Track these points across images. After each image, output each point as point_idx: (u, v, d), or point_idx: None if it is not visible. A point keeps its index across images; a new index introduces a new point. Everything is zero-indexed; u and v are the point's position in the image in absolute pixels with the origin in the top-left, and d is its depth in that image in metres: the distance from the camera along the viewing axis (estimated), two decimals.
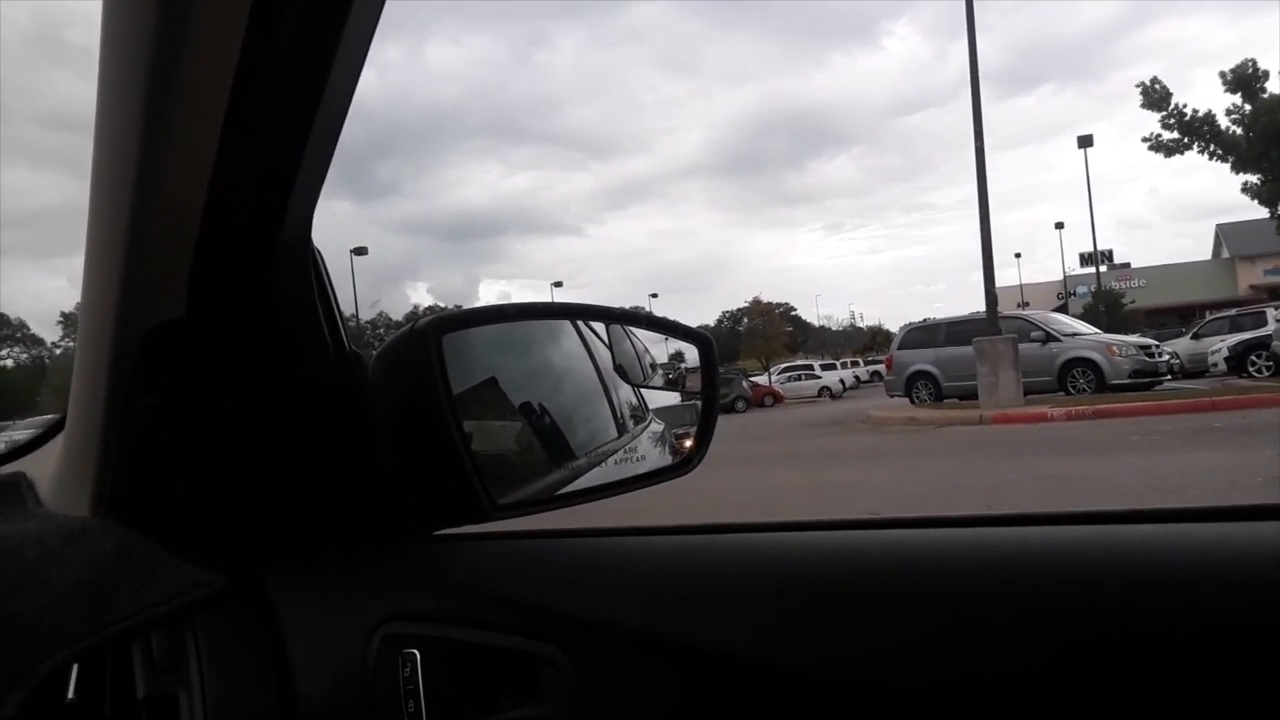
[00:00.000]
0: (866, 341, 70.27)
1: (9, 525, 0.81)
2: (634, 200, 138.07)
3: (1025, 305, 46.27)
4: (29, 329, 64.32)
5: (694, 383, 1.18)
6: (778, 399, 38.47)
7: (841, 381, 43.45)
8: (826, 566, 0.74)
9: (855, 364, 52.40)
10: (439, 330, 0.90)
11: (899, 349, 21.39)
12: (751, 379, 42.51)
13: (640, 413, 1.24)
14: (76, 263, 0.83)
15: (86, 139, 0.75)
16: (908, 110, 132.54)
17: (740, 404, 33.92)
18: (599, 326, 1.20)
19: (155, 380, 0.83)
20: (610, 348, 1.19)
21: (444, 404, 0.87)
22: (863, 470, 10.62)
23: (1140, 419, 12.99)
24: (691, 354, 1.17)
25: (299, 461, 0.91)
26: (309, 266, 0.88)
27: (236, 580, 0.87)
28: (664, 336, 1.22)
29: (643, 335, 1.23)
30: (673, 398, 1.27)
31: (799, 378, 44.11)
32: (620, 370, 1.19)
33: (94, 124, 0.73)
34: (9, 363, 64.29)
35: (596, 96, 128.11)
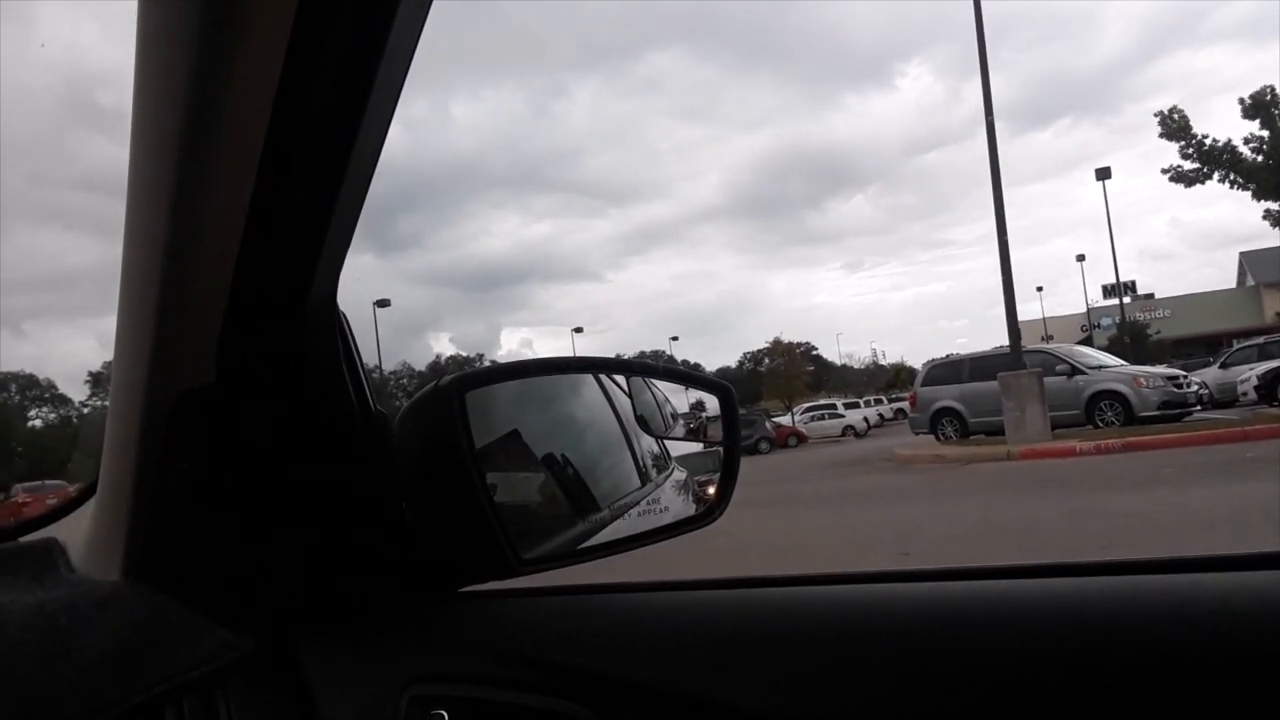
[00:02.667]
0: (890, 379, 69.93)
1: (43, 592, 0.82)
2: (654, 245, 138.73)
3: (1049, 339, 45.94)
4: (58, 389, 65.12)
5: (715, 431, 1.18)
6: (801, 439, 38.24)
7: (865, 420, 43.16)
8: (858, 621, 0.74)
9: (879, 402, 52.06)
10: (462, 388, 0.91)
11: (923, 385, 21.24)
12: (774, 419, 42.34)
13: (663, 461, 1.25)
14: (105, 323, 0.84)
15: (116, 201, 0.77)
16: (923, 149, 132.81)
17: (764, 445, 33.75)
18: (620, 378, 1.21)
19: (185, 446, 0.84)
20: (631, 398, 1.19)
21: (468, 461, 0.87)
22: (891, 510, 10.52)
23: (1171, 451, 12.81)
24: (712, 403, 1.17)
25: (327, 523, 0.92)
26: (334, 329, 0.89)
27: (267, 642, 0.87)
28: (684, 387, 1.23)
29: (663, 385, 1.24)
30: (695, 446, 1.27)
31: (822, 417, 43.88)
32: (642, 421, 1.20)
33: (125, 191, 0.75)
34: (38, 423, 65.06)
35: (614, 144, 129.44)
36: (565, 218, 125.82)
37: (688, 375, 1.23)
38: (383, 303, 50.92)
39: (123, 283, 0.80)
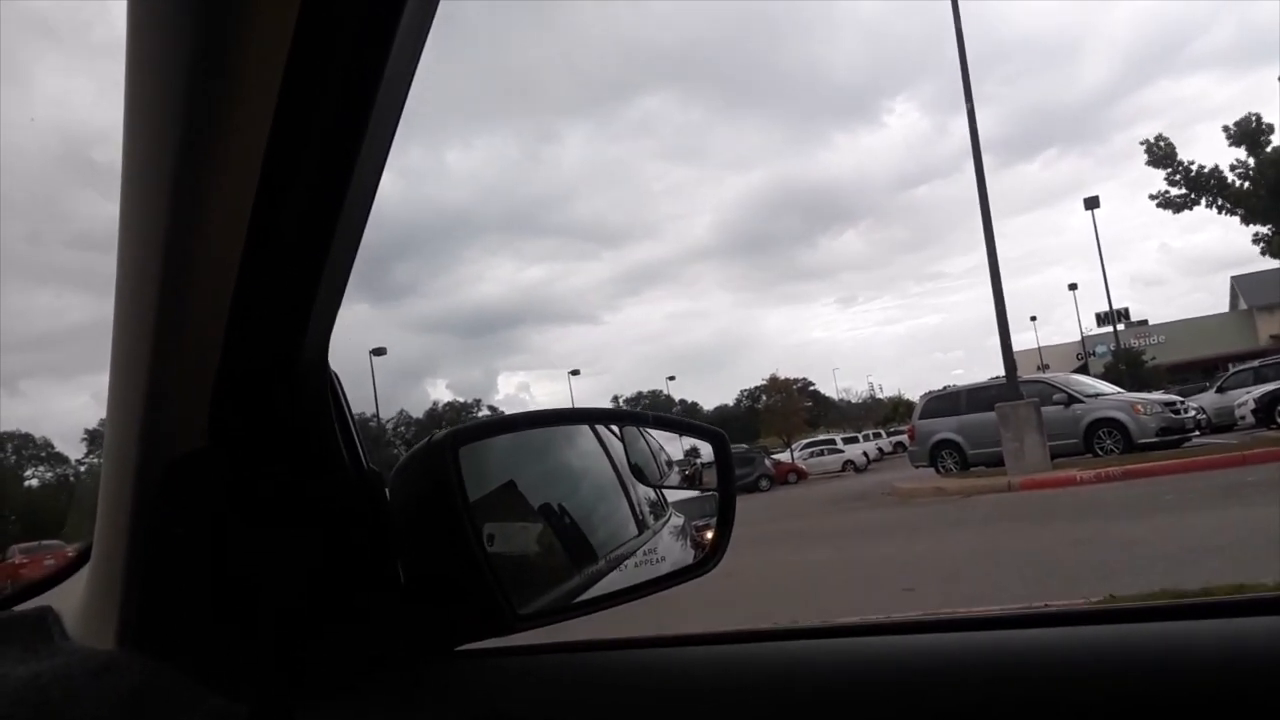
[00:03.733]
0: (888, 413, 69.86)
1: (36, 662, 0.81)
2: (648, 285, 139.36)
3: (1045, 368, 46.02)
4: (54, 447, 64.99)
5: (711, 477, 1.18)
6: (801, 475, 38.14)
7: (865, 454, 43.11)
8: (863, 676, 0.73)
9: (878, 435, 52.07)
10: (455, 443, 0.91)
11: (920, 419, 21.24)
12: (774, 456, 42.23)
13: (660, 508, 1.24)
14: (101, 380, 0.84)
15: (110, 257, 0.77)
16: (912, 184, 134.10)
17: (764, 482, 33.63)
18: (614, 427, 1.21)
19: (179, 512, 0.84)
20: (625, 447, 1.19)
21: (463, 517, 0.87)
22: (894, 545, 10.47)
23: (1171, 477, 12.81)
24: (706, 449, 1.17)
25: (322, 585, 0.91)
26: (326, 389, 0.89)
27: (262, 709, 0.86)
28: (677, 434, 1.23)
29: (658, 433, 1.24)
30: (691, 493, 1.27)
31: (822, 453, 43.82)
32: (636, 469, 1.20)
33: (116, 257, 0.75)
34: (34, 482, 64.82)
35: (606, 187, 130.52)
36: (559, 261, 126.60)
37: (680, 423, 1.23)
38: (379, 351, 51.05)
39: (114, 348, 0.80)
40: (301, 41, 0.57)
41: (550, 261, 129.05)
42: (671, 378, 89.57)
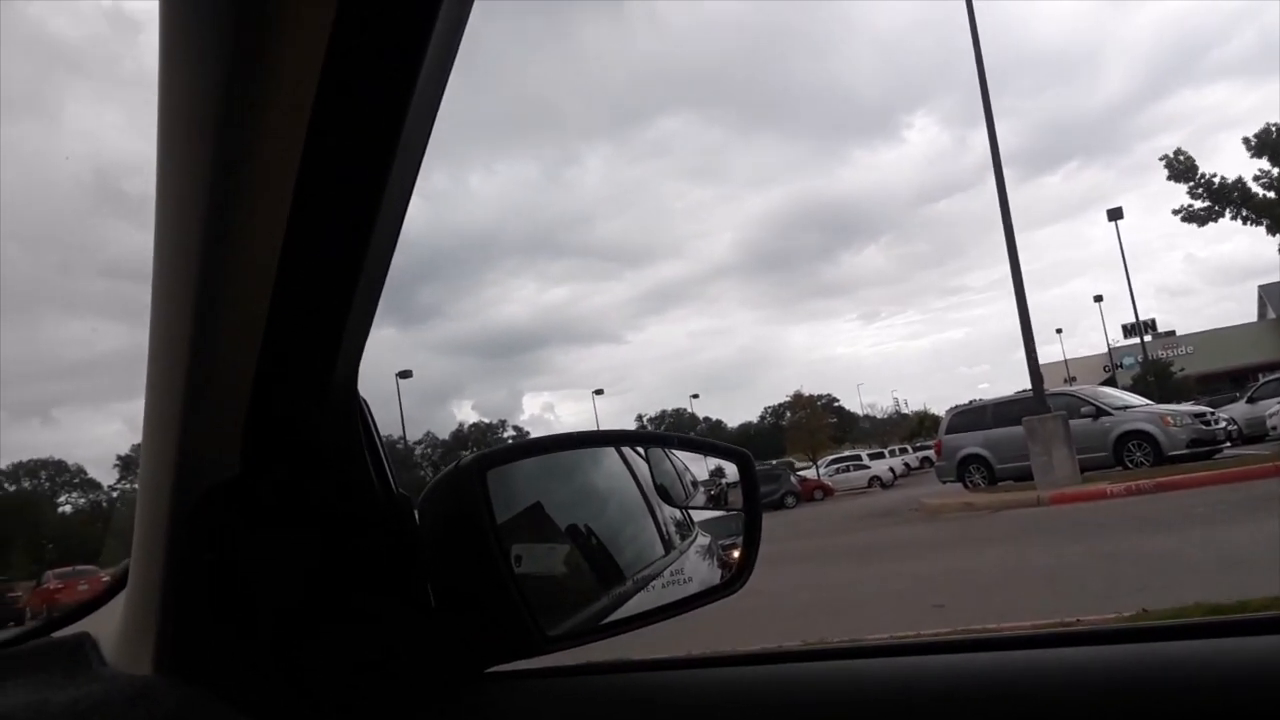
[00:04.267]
0: (913, 427, 69.39)
1: (75, 689, 0.83)
2: (670, 304, 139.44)
3: (1072, 381, 45.64)
4: (87, 474, 65.78)
5: (736, 497, 1.18)
6: (828, 492, 37.88)
7: (891, 470, 42.78)
8: (890, 697, 0.73)
9: (904, 451, 51.58)
10: (483, 466, 0.92)
11: (947, 433, 21.07)
12: (799, 473, 42.02)
13: (686, 528, 1.24)
14: (132, 407, 0.86)
15: (141, 286, 0.78)
16: (933, 198, 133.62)
17: (790, 499, 33.44)
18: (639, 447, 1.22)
19: (213, 538, 0.85)
20: (650, 467, 1.20)
21: (491, 540, 0.88)
22: (923, 562, 10.38)
23: (1203, 490, 12.64)
24: (731, 468, 1.18)
25: (354, 609, 0.92)
26: (355, 415, 0.90)
27: None
28: (702, 455, 1.23)
29: (683, 453, 1.24)
30: (717, 513, 1.27)
31: (848, 469, 43.51)
32: (662, 490, 1.20)
33: (150, 279, 0.77)
34: (68, 508, 65.56)
35: (627, 208, 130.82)
36: (582, 281, 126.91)
37: (704, 443, 1.23)
38: (405, 374, 51.34)
39: (149, 378, 0.82)
40: (331, 71, 0.58)
41: (573, 282, 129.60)
42: (695, 396, 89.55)
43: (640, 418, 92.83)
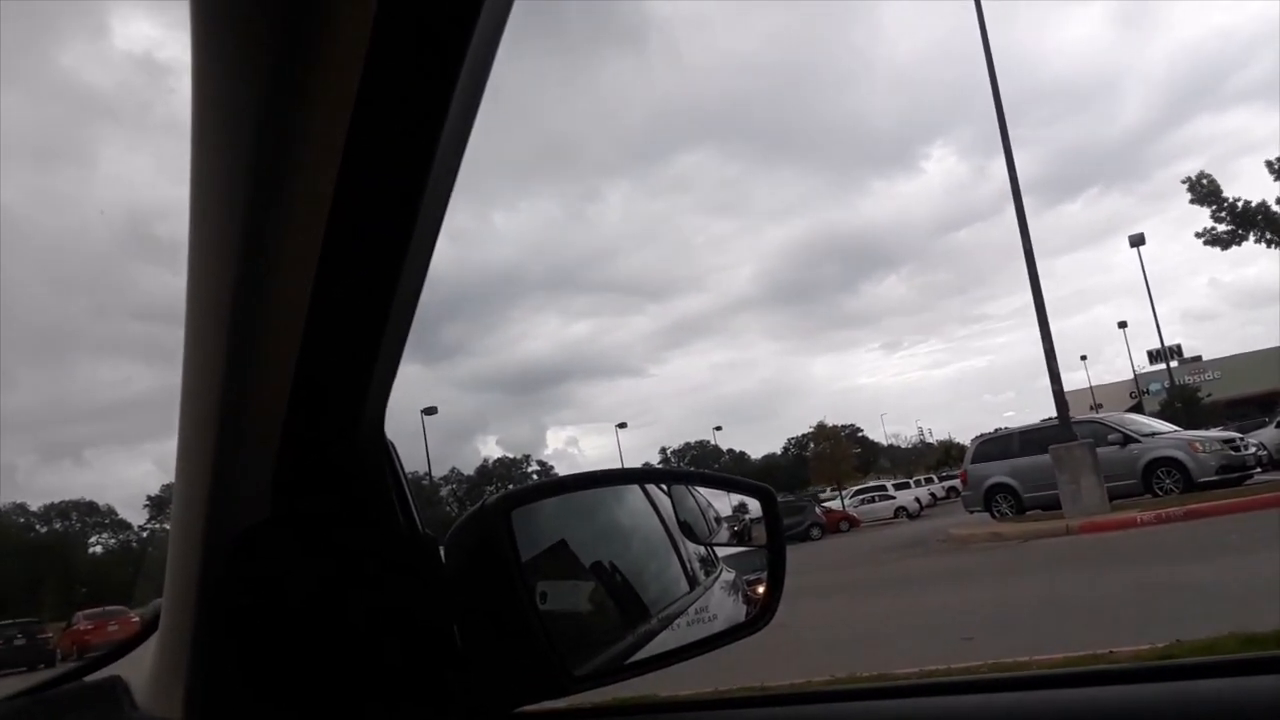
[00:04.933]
0: (939, 457, 68.83)
1: None
2: (692, 337, 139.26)
3: (1098, 408, 45.19)
4: (117, 514, 66.33)
5: (760, 533, 1.19)
6: (853, 523, 37.55)
7: (917, 500, 42.39)
8: None
9: (929, 481, 51.11)
10: (507, 506, 0.92)
11: (973, 462, 20.85)
12: (825, 504, 41.71)
13: (710, 564, 1.24)
14: (163, 447, 0.88)
15: (172, 328, 0.79)
16: (953, 227, 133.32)
17: (815, 531, 33.17)
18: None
19: (244, 582, 0.86)
20: (674, 504, 1.20)
21: (517, 581, 0.88)
22: (952, 594, 10.25)
23: (1235, 516, 12.45)
24: (754, 505, 1.18)
25: (382, 652, 0.93)
26: (383, 459, 0.92)
27: None
28: (725, 491, 1.23)
29: (706, 490, 1.25)
30: (741, 549, 1.27)
31: (873, 499, 43.16)
32: (685, 527, 1.21)
33: (182, 331, 0.79)
34: (99, 549, 66.05)
35: (648, 242, 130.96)
36: (604, 316, 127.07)
37: (727, 480, 1.23)
38: (430, 410, 51.47)
39: (181, 424, 0.83)
40: (361, 113, 0.59)
41: (595, 317, 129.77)
42: (718, 428, 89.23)
43: (664, 450, 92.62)
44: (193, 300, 0.75)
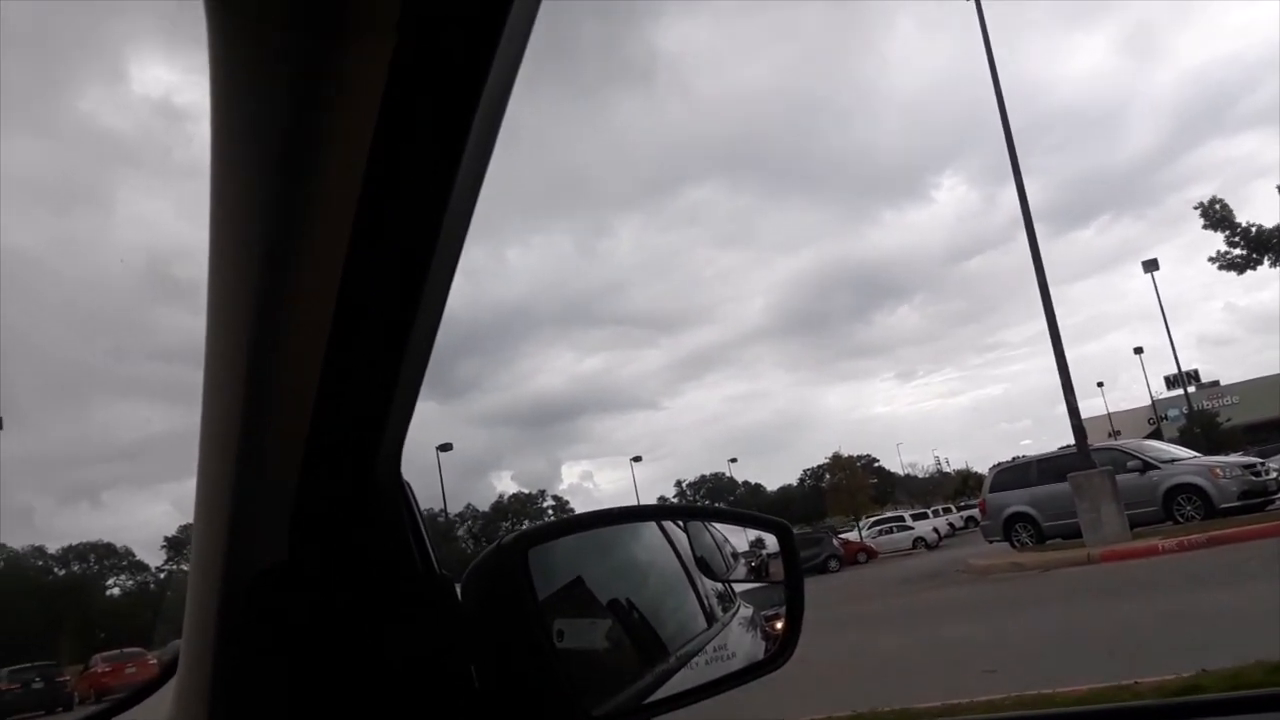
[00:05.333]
0: (957, 486, 68.36)
1: None
2: (705, 369, 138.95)
3: (1116, 434, 44.90)
4: (135, 556, 66.50)
5: (777, 568, 1.18)
6: (871, 554, 37.26)
7: (936, 531, 42.05)
8: None
9: (948, 511, 50.70)
10: (523, 545, 0.93)
11: (991, 492, 20.67)
12: (842, 535, 41.44)
13: (727, 600, 1.24)
14: (180, 488, 0.89)
15: (189, 369, 0.80)
16: (965, 256, 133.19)
17: (833, 563, 32.92)
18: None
19: (262, 625, 0.86)
20: (690, 540, 1.20)
21: (534, 621, 0.88)
22: (973, 625, 10.15)
23: (1258, 543, 12.30)
24: (771, 540, 1.18)
25: (400, 692, 0.93)
26: (400, 498, 0.92)
27: None
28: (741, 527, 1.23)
29: (722, 526, 1.25)
30: (758, 584, 1.27)
31: (890, 530, 42.84)
32: (702, 563, 1.20)
33: (200, 376, 0.79)
34: (116, 591, 66.13)
35: (659, 276, 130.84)
36: (617, 350, 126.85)
37: (743, 515, 1.24)
38: (445, 447, 51.55)
39: (200, 468, 0.84)
40: (377, 158, 0.60)
41: (608, 351, 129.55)
42: (734, 460, 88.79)
43: (679, 483, 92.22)
44: (211, 342, 0.76)
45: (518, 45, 0.58)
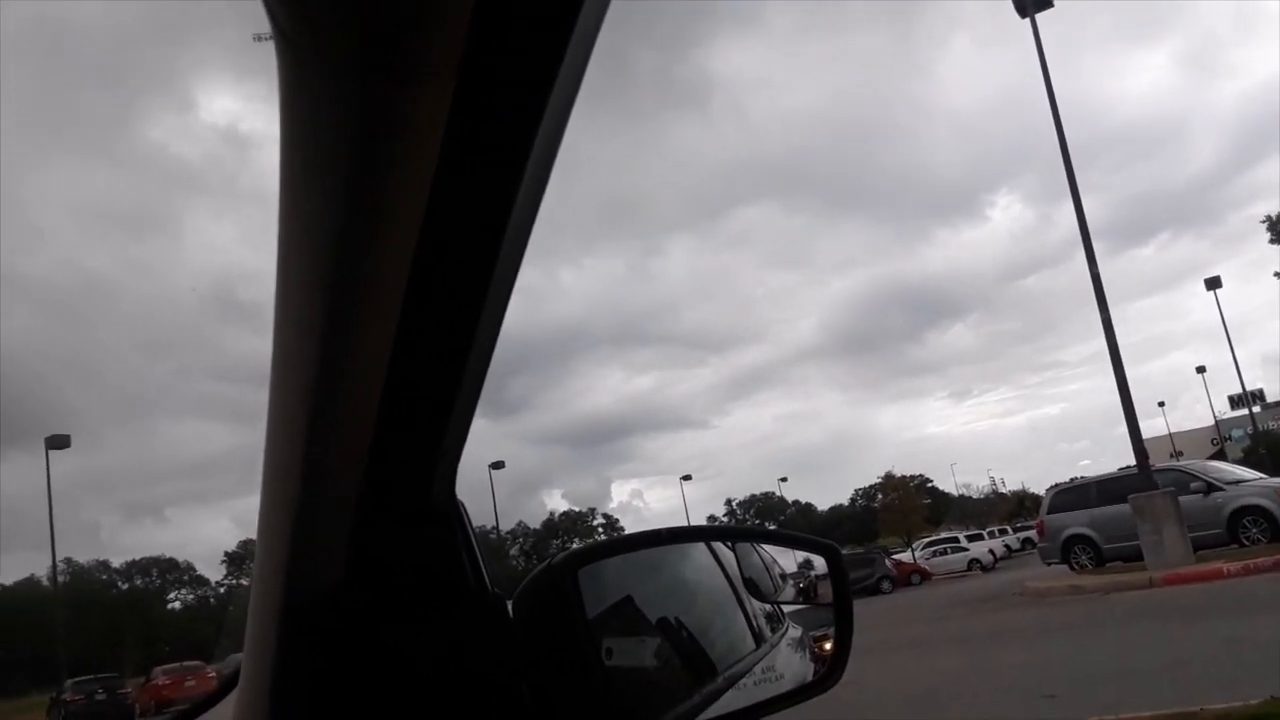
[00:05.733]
0: (1013, 508, 67.08)
1: None
2: (756, 388, 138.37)
3: (1178, 455, 43.81)
4: (196, 570, 67.79)
5: (825, 589, 1.18)
6: (925, 576, 36.65)
7: (991, 552, 41.23)
8: None
9: (1003, 532, 49.67)
10: (574, 564, 0.94)
11: (1049, 513, 20.28)
12: (894, 556, 40.85)
13: (776, 620, 1.24)
14: (240, 504, 0.92)
15: (250, 388, 0.83)
16: (1020, 274, 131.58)
17: (885, 584, 32.45)
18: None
19: (321, 645, 0.88)
20: (738, 560, 1.21)
21: (584, 638, 0.89)
22: (1031, 650, 9.94)
23: None
24: (819, 561, 1.17)
25: (454, 711, 0.94)
26: (454, 518, 0.94)
27: None
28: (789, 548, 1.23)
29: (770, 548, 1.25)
30: (804, 607, 1.26)
31: (944, 551, 42.08)
32: (750, 584, 1.21)
33: (267, 384, 0.82)
34: (177, 605, 67.38)
35: (710, 296, 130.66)
36: (667, 369, 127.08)
37: (791, 537, 1.23)
38: (497, 465, 51.92)
39: (263, 485, 0.86)
40: (440, 183, 0.61)
41: (658, 370, 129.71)
42: (784, 479, 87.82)
43: (729, 502, 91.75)
44: (277, 366, 0.78)
45: (573, 82, 0.60)
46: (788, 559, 1.26)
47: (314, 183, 0.65)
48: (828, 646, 1.14)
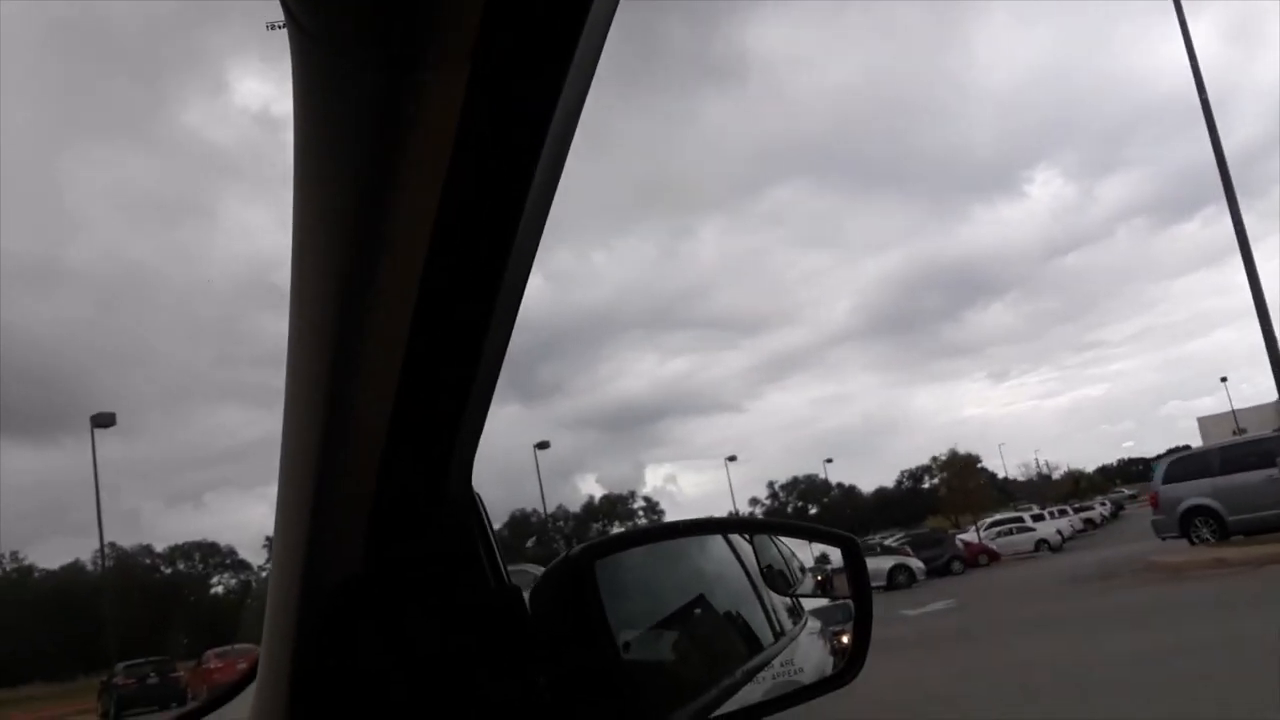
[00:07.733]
0: (1068, 489, 65.58)
1: None
2: (790, 371, 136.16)
3: (1241, 432, 42.60)
4: (237, 554, 69.07)
5: (842, 583, 1.16)
6: (993, 557, 35.73)
7: (1059, 532, 40.25)
8: None
9: (1063, 513, 48.61)
10: (591, 557, 0.94)
11: (1164, 483, 18.81)
12: (961, 536, 40.25)
13: (795, 613, 1.23)
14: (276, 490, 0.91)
15: (284, 375, 0.83)
16: (1060, 252, 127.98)
17: (956, 565, 31.91)
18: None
19: (338, 635, 0.89)
20: (756, 553, 1.20)
21: (601, 631, 0.89)
22: (1191, 630, 8.97)
23: None
24: (835, 555, 1.15)
25: (471, 704, 0.94)
26: (470, 509, 0.94)
27: None
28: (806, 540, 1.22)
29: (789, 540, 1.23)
30: (823, 601, 1.25)
31: (1010, 531, 41.02)
32: (768, 576, 1.20)
33: (284, 393, 0.83)
34: (220, 589, 68.74)
35: (742, 278, 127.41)
36: (699, 352, 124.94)
37: (809, 529, 1.22)
38: (542, 445, 50.70)
39: (280, 481, 0.88)
40: (452, 178, 0.62)
41: (691, 353, 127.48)
42: (829, 460, 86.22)
43: (771, 484, 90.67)
44: (292, 355, 0.79)
45: (589, 66, 0.60)
46: (806, 552, 1.25)
47: (328, 170, 0.66)
48: (845, 639, 1.13)
